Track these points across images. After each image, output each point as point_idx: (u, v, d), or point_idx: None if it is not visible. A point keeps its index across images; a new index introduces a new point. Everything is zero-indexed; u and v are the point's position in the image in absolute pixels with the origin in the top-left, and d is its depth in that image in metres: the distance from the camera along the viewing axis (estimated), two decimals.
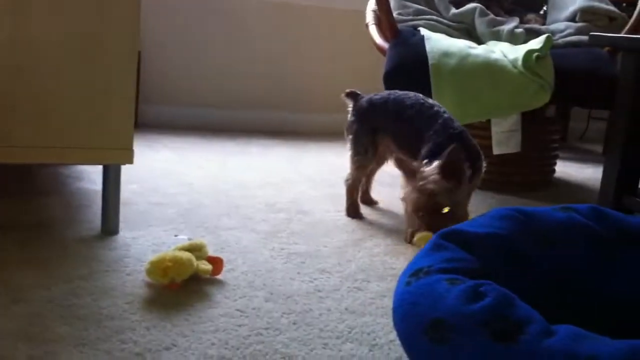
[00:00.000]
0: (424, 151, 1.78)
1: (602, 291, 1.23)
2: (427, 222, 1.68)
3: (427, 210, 1.67)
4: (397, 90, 1.97)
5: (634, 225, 1.26)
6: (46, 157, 1.54)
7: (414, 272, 1.06)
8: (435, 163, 1.67)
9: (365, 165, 2.01)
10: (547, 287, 1.20)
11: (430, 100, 1.89)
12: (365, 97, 2.01)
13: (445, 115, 1.82)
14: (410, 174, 1.72)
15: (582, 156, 3.43)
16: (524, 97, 2.28)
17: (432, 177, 1.65)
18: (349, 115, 2.03)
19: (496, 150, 2.34)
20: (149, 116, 3.22)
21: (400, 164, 1.76)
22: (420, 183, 1.66)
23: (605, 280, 1.23)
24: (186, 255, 1.39)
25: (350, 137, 2.01)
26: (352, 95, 2.04)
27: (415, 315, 0.98)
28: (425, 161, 1.71)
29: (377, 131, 1.96)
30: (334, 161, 2.78)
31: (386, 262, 1.62)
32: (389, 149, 1.98)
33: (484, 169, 1.84)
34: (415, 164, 1.72)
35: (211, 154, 2.73)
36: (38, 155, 1.52)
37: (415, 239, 1.68)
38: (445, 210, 1.65)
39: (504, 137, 2.32)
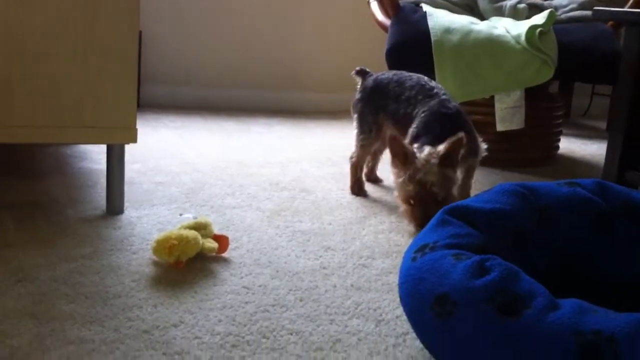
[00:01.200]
0: (412, 128, 1.76)
1: (606, 266, 1.23)
2: (417, 213, 1.63)
3: (420, 200, 1.62)
4: (403, 71, 1.95)
5: (638, 200, 1.26)
6: (50, 136, 1.54)
7: (419, 248, 1.06)
8: (428, 149, 1.63)
9: (369, 144, 1.99)
10: (551, 262, 1.21)
11: (432, 83, 1.87)
12: (373, 76, 2.00)
13: (444, 96, 1.79)
14: (401, 157, 1.64)
15: (586, 132, 3.42)
16: (527, 73, 2.27)
17: (429, 166, 1.60)
18: (356, 93, 2.02)
19: (500, 127, 2.34)
20: (149, 96, 3.21)
21: (392, 145, 1.67)
22: (419, 176, 1.61)
23: (609, 254, 1.23)
24: (192, 233, 1.39)
25: (355, 115, 2.00)
26: (362, 73, 2.03)
27: (421, 291, 0.99)
28: (416, 145, 1.66)
29: (379, 111, 1.94)
30: (336, 140, 2.77)
31: (391, 239, 1.62)
32: (389, 129, 1.97)
33: (483, 152, 1.82)
34: (407, 148, 1.65)
35: (213, 133, 2.73)
36: (41, 135, 1.52)
37: None
38: (440, 198, 1.61)
39: (508, 114, 2.32)
